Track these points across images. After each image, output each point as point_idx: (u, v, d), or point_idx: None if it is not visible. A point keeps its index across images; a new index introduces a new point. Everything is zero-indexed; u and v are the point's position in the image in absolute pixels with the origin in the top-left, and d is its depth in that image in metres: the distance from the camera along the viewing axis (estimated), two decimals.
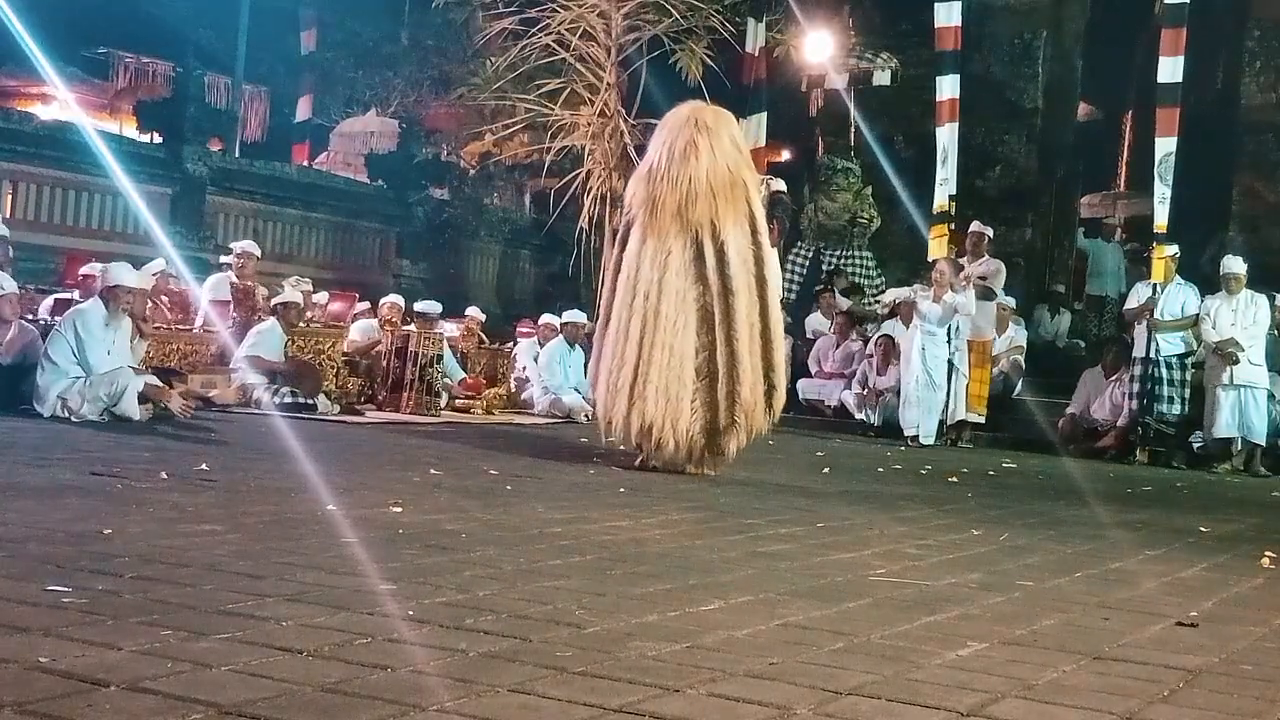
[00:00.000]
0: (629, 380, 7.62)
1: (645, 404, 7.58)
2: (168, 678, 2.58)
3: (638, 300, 7.67)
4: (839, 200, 17.10)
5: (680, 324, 7.64)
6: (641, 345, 7.62)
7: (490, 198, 20.03)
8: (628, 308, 7.70)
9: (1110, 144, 22.31)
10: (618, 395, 7.67)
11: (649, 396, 7.58)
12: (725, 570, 4.40)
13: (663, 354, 7.61)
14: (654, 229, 7.71)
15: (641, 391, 7.59)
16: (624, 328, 7.69)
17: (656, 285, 7.65)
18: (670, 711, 2.60)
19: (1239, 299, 11.92)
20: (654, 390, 7.58)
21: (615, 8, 16.30)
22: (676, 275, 7.67)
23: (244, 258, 12.09)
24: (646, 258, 7.70)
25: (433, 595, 3.57)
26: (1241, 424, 11.83)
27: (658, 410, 7.58)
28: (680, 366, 7.63)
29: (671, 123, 7.99)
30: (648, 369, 7.60)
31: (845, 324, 14.66)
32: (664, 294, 7.64)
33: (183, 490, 5.45)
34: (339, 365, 12.01)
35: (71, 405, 8.56)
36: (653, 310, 7.63)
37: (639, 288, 7.68)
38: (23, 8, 14.55)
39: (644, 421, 7.61)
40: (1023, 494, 8.52)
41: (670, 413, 7.59)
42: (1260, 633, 3.94)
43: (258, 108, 23.95)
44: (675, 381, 7.61)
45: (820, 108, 18.41)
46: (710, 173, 7.68)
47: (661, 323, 7.62)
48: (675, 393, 7.61)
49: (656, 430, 7.61)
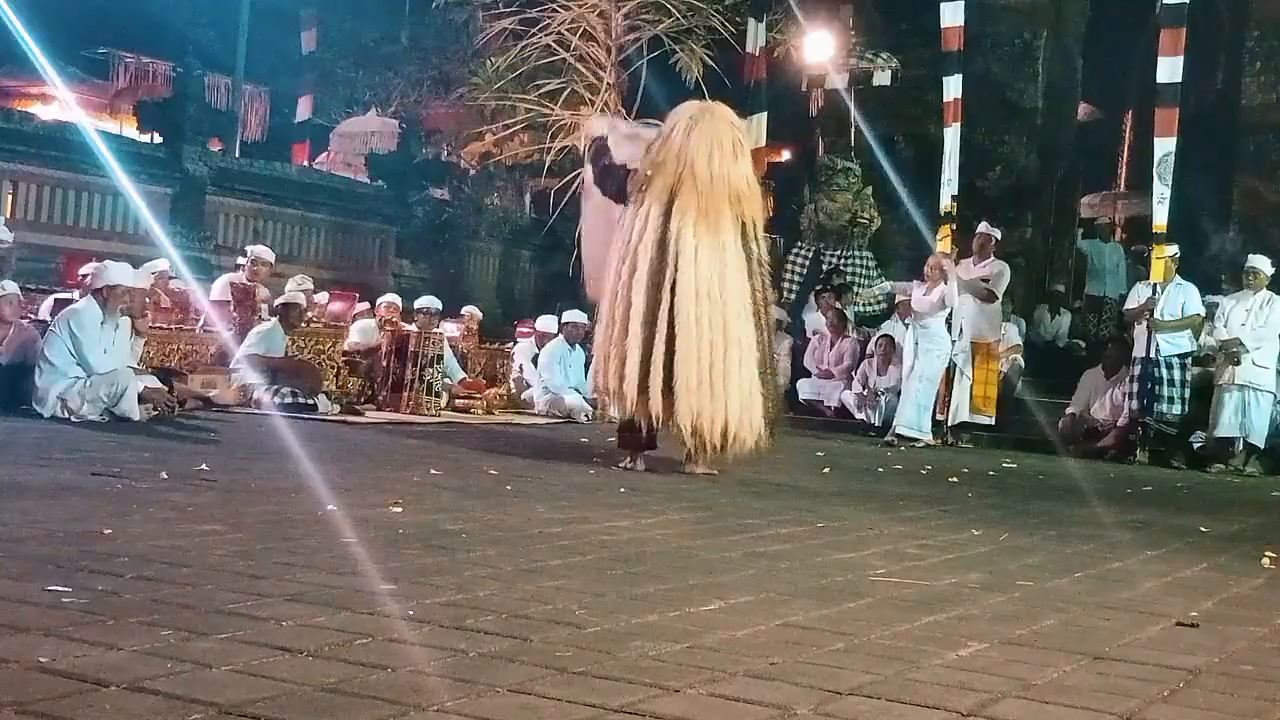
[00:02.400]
0: (706, 378, 7.46)
1: (729, 404, 7.49)
2: (168, 678, 2.58)
3: (701, 291, 7.52)
4: (839, 200, 17.09)
5: (743, 319, 7.64)
6: (712, 342, 7.50)
7: (490, 198, 20.02)
8: (693, 302, 7.51)
9: (1110, 144, 22.31)
10: (697, 394, 7.44)
11: (730, 396, 7.50)
12: (725, 570, 4.40)
13: (735, 351, 7.57)
14: (705, 222, 7.61)
15: (723, 392, 7.49)
16: (691, 321, 7.49)
17: (719, 281, 7.58)
18: (670, 711, 2.60)
19: (1255, 299, 11.87)
20: (734, 391, 7.52)
21: (615, 8, 16.32)
22: (737, 271, 7.68)
23: (258, 263, 12.10)
24: (704, 252, 7.58)
25: (433, 595, 3.57)
26: (1243, 424, 11.82)
27: (737, 410, 7.52)
28: (750, 364, 7.64)
29: (710, 118, 7.91)
30: (725, 368, 7.52)
31: (838, 323, 14.67)
32: (727, 290, 7.60)
33: (183, 490, 5.45)
34: (339, 365, 12.01)
35: (71, 405, 8.56)
36: (718, 310, 7.54)
37: (700, 281, 7.53)
38: (23, 8, 14.55)
39: (725, 420, 7.49)
40: (1023, 494, 8.51)
41: (747, 410, 7.58)
42: (1260, 633, 3.93)
43: (258, 108, 23.96)
44: (749, 379, 7.62)
45: (820, 108, 18.40)
46: (748, 174, 7.89)
47: (729, 318, 7.57)
48: (750, 390, 7.62)
49: (733, 428, 7.52)
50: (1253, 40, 16.47)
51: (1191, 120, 14.32)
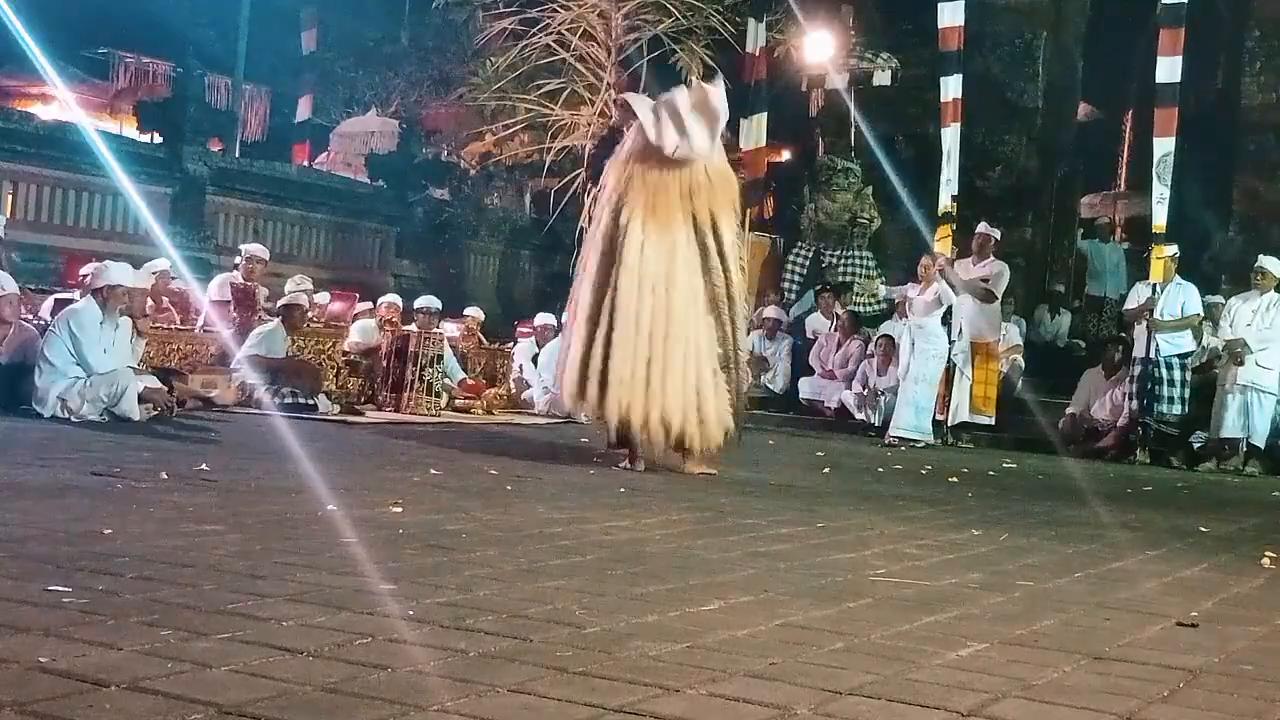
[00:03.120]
0: (642, 374, 7.45)
1: (667, 399, 7.46)
2: (168, 678, 2.58)
3: (644, 291, 7.51)
4: (839, 200, 17.09)
5: (692, 315, 7.56)
6: (651, 338, 7.48)
7: (490, 198, 20.02)
8: (635, 299, 7.52)
9: (1110, 144, 22.31)
10: (631, 391, 7.46)
11: (669, 391, 7.47)
12: (725, 570, 4.40)
13: (679, 346, 7.51)
14: (654, 219, 7.58)
15: (661, 388, 7.46)
16: (632, 320, 7.50)
17: (664, 278, 7.55)
18: (670, 711, 2.60)
19: (1263, 300, 11.85)
20: (675, 386, 7.47)
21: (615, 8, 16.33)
22: (686, 267, 7.59)
23: (252, 261, 12.10)
24: (650, 249, 7.56)
25: (433, 595, 3.57)
26: (1246, 425, 11.82)
27: (680, 404, 7.48)
28: (698, 360, 7.56)
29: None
30: (664, 362, 7.48)
31: (848, 325, 14.67)
32: (675, 286, 7.55)
33: (183, 490, 5.45)
34: (339, 365, 12.01)
35: (71, 405, 8.56)
36: (663, 304, 7.51)
37: (645, 280, 7.52)
38: (23, 8, 14.55)
39: (666, 417, 7.47)
40: (1023, 494, 8.51)
41: (692, 406, 7.52)
42: (1260, 633, 3.93)
43: (258, 108, 23.95)
44: (693, 374, 7.54)
45: (820, 108, 18.40)
46: (708, 162, 7.71)
47: (674, 315, 7.51)
48: (695, 387, 7.54)
49: (678, 426, 7.50)
50: (1253, 40, 16.46)
51: (1191, 120, 14.32)
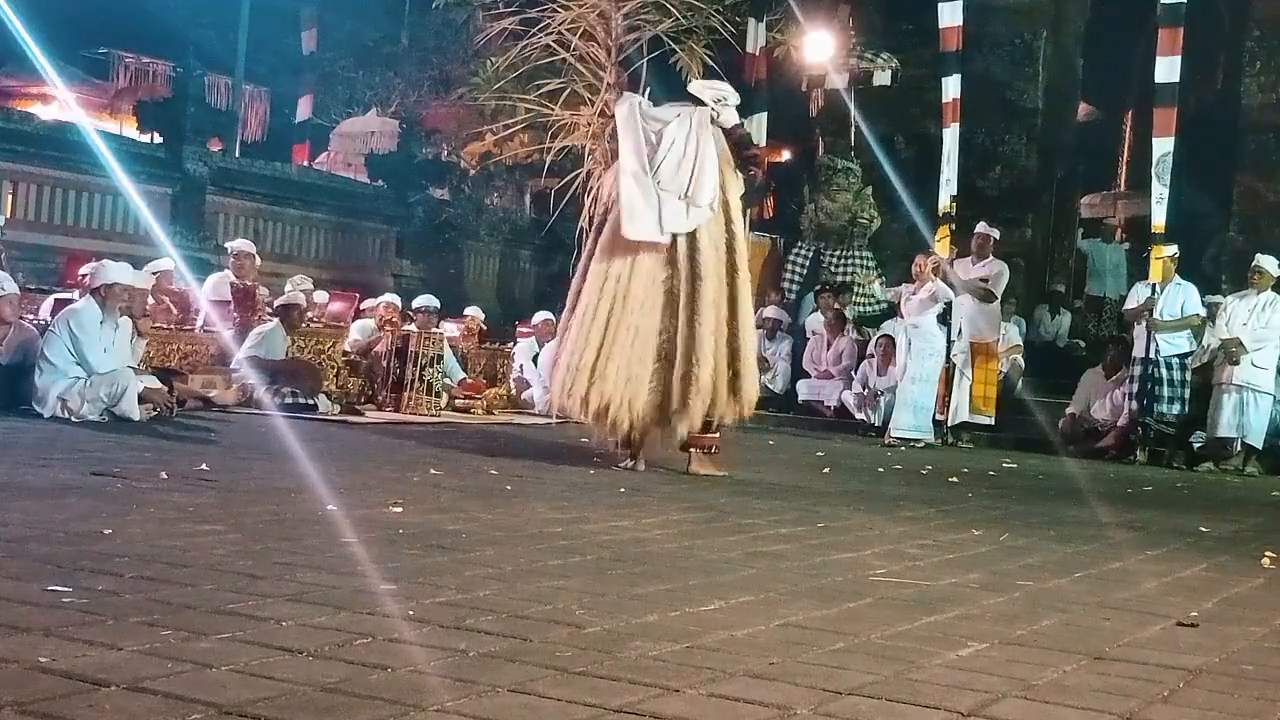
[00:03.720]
0: (591, 360, 7.53)
1: (605, 383, 7.51)
2: (168, 678, 2.58)
3: (608, 283, 7.62)
4: (839, 200, 17.09)
5: (648, 305, 7.60)
6: (608, 326, 7.56)
7: (490, 198, 20.02)
8: (598, 291, 7.64)
9: (1110, 144, 22.31)
10: (578, 374, 7.57)
11: (609, 376, 7.51)
12: (725, 570, 4.40)
13: (627, 334, 7.56)
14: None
15: (603, 371, 7.52)
16: (592, 309, 7.62)
17: (629, 267, 7.62)
18: (670, 711, 2.60)
19: (1259, 299, 11.86)
20: (615, 369, 7.52)
21: (615, 8, 16.31)
22: (649, 257, 7.63)
23: (240, 257, 12.10)
24: (621, 240, 7.63)
25: (433, 595, 3.57)
26: (1241, 425, 11.82)
27: (616, 389, 7.51)
28: (643, 347, 7.58)
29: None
30: (611, 349, 7.54)
31: (835, 323, 14.68)
32: (635, 275, 7.61)
33: (183, 490, 5.45)
34: (339, 365, 12.01)
35: (72, 406, 8.56)
36: (623, 292, 7.59)
37: (611, 271, 7.63)
38: (23, 8, 14.54)
39: (602, 400, 7.52)
40: (1023, 494, 8.52)
41: (628, 392, 7.53)
42: (1260, 633, 3.93)
43: (258, 108, 23.95)
44: (637, 362, 7.56)
45: (820, 108, 18.40)
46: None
47: (630, 304, 7.58)
48: (636, 373, 7.55)
49: (613, 409, 7.52)
50: (1253, 40, 16.46)
51: (1191, 120, 14.32)
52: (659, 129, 7.73)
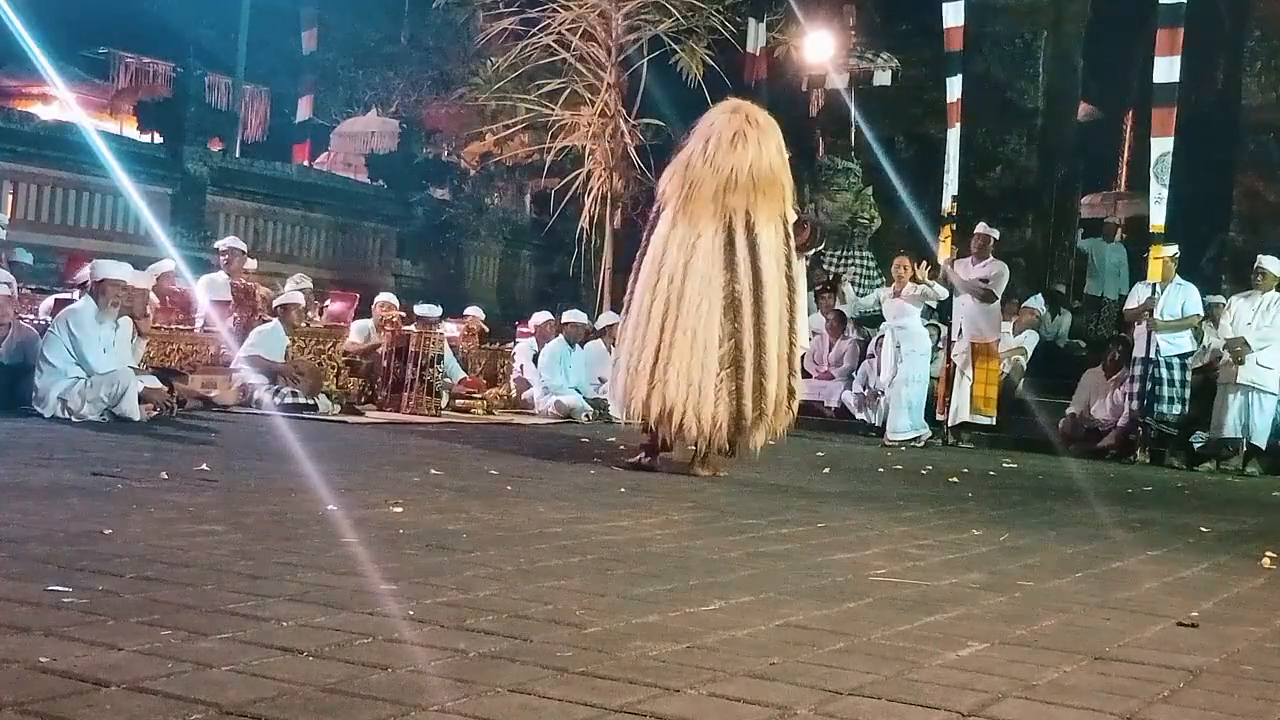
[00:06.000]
0: (649, 363, 7.47)
1: (666, 387, 7.45)
2: (168, 678, 2.58)
3: (661, 283, 7.55)
4: (839, 200, 17.10)
5: (705, 309, 7.50)
6: (664, 328, 7.49)
7: (490, 198, 20.01)
8: (651, 290, 7.57)
9: (1110, 144, 22.31)
10: (638, 377, 7.52)
11: (670, 380, 7.45)
12: (725, 570, 4.40)
13: (685, 338, 7.48)
14: (686, 213, 7.59)
15: (662, 375, 7.45)
16: (645, 310, 7.57)
17: (682, 269, 7.54)
18: (670, 711, 2.60)
19: (1264, 299, 11.85)
20: (675, 373, 7.45)
21: (615, 8, 16.32)
22: (704, 259, 7.55)
23: (230, 254, 12.12)
24: (675, 242, 7.58)
25: (433, 595, 3.57)
26: (1246, 425, 11.81)
27: (679, 394, 7.44)
28: (704, 352, 7.49)
29: (718, 113, 7.89)
30: (669, 352, 7.46)
31: (836, 323, 14.68)
32: (689, 278, 7.52)
33: (183, 490, 5.46)
34: (339, 365, 12.01)
35: (72, 406, 8.56)
36: (676, 293, 7.51)
37: (664, 270, 7.56)
38: (23, 8, 14.55)
39: (665, 405, 7.46)
40: (1023, 494, 8.52)
41: (693, 398, 7.44)
42: (1260, 633, 3.93)
43: (258, 108, 23.93)
44: (698, 367, 7.47)
45: (820, 108, 18.41)
46: (755, 164, 7.61)
47: (685, 306, 7.49)
48: (698, 379, 7.47)
49: (678, 414, 7.45)
50: (1253, 40, 16.47)
51: (1191, 120, 14.32)
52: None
